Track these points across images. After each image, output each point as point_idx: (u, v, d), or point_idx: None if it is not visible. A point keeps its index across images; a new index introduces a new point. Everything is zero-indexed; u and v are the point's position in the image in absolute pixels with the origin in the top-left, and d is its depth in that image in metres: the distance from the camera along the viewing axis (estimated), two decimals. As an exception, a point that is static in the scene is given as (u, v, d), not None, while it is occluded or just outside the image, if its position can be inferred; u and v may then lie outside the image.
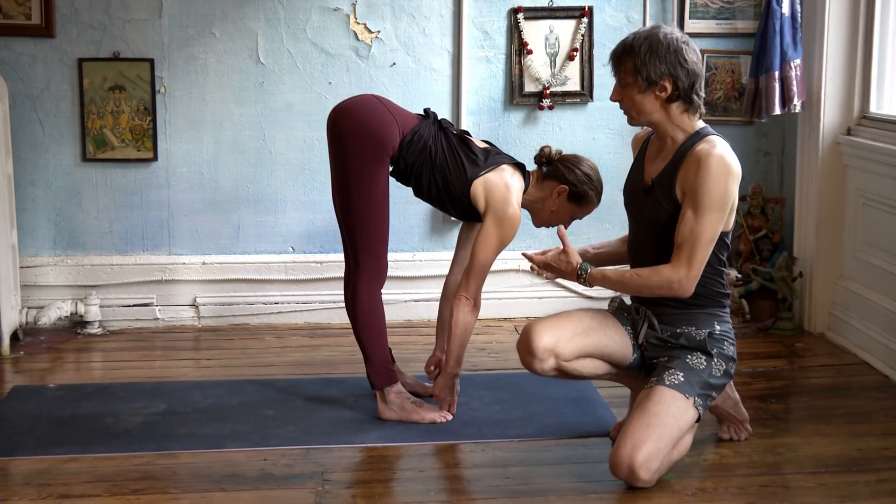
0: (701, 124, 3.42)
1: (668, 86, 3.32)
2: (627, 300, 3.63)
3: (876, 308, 4.52)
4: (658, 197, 3.40)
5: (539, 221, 4.05)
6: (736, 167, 3.31)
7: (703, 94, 3.39)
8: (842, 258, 4.86)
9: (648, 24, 5.01)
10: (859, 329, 4.63)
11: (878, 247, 4.56)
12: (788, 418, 4.00)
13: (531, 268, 3.63)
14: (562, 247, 3.55)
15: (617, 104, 3.45)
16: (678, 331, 3.47)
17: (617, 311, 3.62)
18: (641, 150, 3.57)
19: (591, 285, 3.50)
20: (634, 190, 3.53)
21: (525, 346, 3.43)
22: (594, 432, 3.76)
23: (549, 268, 3.58)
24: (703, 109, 3.41)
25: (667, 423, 3.30)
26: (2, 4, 4.78)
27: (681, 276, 3.31)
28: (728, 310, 3.55)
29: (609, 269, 3.49)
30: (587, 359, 3.48)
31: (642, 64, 3.31)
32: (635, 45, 3.33)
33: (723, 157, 3.29)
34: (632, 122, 3.47)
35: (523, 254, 3.68)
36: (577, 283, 3.57)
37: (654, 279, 3.35)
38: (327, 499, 3.27)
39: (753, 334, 4.92)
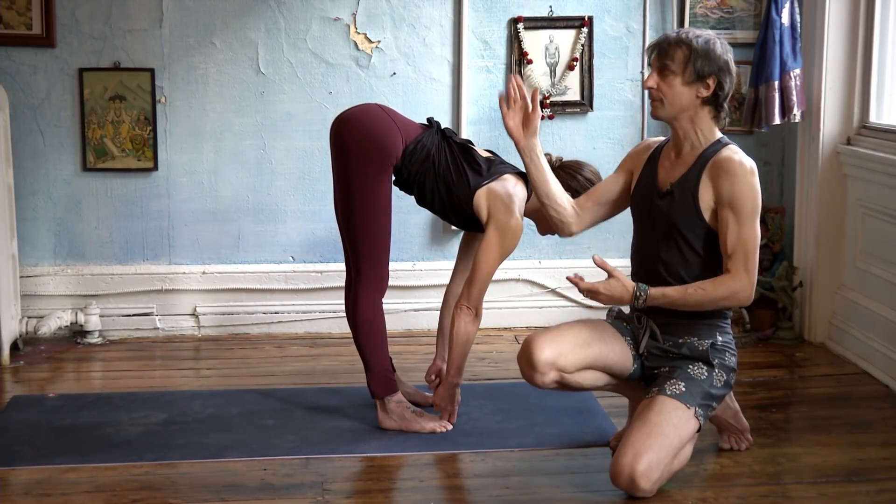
0: (720, 133, 3.47)
1: (713, 85, 3.37)
2: (626, 309, 3.62)
3: (876, 318, 4.52)
4: (677, 200, 3.42)
5: (544, 229, 4.04)
6: (756, 170, 3.40)
7: (729, 106, 3.46)
8: (842, 268, 4.85)
9: (663, 31, 5.00)
10: (859, 339, 4.63)
11: (879, 256, 4.56)
12: (789, 428, 3.99)
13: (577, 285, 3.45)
14: (607, 275, 3.42)
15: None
16: (680, 341, 3.47)
17: (616, 320, 3.61)
18: (651, 160, 3.56)
19: (649, 305, 3.41)
20: (647, 196, 3.52)
21: (526, 359, 3.42)
22: (594, 442, 3.76)
23: (596, 295, 3.41)
24: (726, 122, 3.47)
25: (668, 433, 3.29)
26: (2, 14, 4.78)
27: (743, 283, 3.34)
28: (729, 321, 3.55)
29: (669, 288, 3.39)
30: (588, 371, 3.47)
31: (696, 56, 3.35)
32: (692, 39, 3.37)
33: (750, 164, 3.38)
34: (658, 113, 3.45)
35: (568, 278, 3.45)
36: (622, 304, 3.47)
37: (720, 291, 3.35)
38: (327, 509, 3.28)
39: (754, 344, 4.91)
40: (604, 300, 3.42)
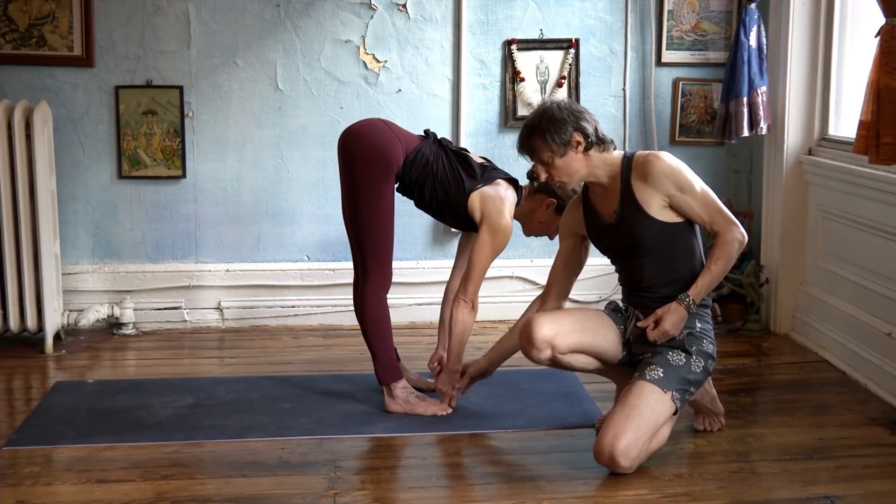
0: (620, 152, 3.47)
1: (580, 137, 3.36)
2: (620, 303, 3.62)
3: (835, 311, 4.52)
4: (630, 220, 3.40)
5: (529, 231, 4.05)
6: (663, 153, 3.42)
7: (604, 132, 3.44)
8: (804, 266, 4.85)
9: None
10: (820, 330, 4.63)
11: (837, 256, 4.56)
12: (756, 411, 4.00)
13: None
14: (653, 317, 3.42)
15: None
16: (661, 328, 3.46)
17: (612, 312, 3.60)
18: (587, 209, 3.55)
19: (699, 301, 3.43)
20: (602, 234, 3.52)
21: (526, 335, 3.42)
22: (581, 424, 3.76)
23: (668, 333, 3.39)
24: (614, 143, 3.47)
25: (645, 415, 3.29)
26: (47, 38, 4.79)
27: (734, 232, 3.36)
28: (709, 310, 3.55)
29: (697, 280, 3.39)
30: (580, 354, 3.47)
31: (550, 132, 3.35)
32: (535, 124, 3.38)
33: (656, 154, 3.39)
34: (569, 187, 3.50)
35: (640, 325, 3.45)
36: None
37: (728, 249, 3.35)
38: (339, 484, 3.27)
39: (724, 335, 4.90)
40: (674, 332, 3.40)
